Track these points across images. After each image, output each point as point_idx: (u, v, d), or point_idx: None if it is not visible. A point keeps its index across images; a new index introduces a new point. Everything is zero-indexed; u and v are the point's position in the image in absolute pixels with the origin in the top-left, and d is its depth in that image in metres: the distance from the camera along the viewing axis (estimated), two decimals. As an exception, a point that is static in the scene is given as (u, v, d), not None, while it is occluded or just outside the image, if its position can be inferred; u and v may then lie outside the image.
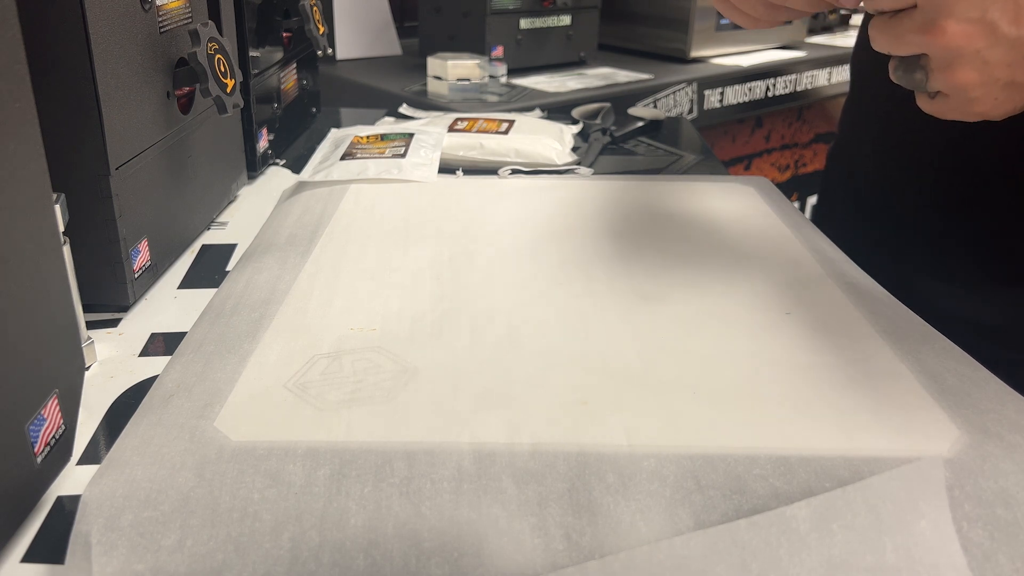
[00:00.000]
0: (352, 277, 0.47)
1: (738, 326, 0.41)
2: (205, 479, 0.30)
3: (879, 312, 0.43)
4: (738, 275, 0.47)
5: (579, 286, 0.46)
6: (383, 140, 0.71)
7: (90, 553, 0.27)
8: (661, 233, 0.53)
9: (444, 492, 0.29)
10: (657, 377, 0.36)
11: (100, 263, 0.46)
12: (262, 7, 0.72)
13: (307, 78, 0.87)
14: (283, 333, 0.40)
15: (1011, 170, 0.53)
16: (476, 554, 0.27)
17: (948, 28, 0.36)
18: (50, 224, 0.33)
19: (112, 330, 0.47)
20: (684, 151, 0.80)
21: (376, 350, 0.38)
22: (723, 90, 1.45)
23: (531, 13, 1.34)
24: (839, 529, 0.27)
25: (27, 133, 0.31)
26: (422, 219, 0.56)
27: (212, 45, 0.53)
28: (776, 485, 0.30)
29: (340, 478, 0.30)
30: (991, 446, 0.32)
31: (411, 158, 0.67)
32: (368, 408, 0.34)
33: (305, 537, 0.28)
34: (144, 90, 0.49)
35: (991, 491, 0.29)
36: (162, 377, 0.38)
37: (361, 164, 0.66)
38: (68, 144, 0.44)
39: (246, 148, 0.70)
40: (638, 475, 0.30)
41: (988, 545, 0.28)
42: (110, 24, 0.44)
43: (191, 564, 0.27)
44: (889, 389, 0.36)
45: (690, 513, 0.29)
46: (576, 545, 0.28)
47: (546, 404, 0.34)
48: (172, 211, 0.54)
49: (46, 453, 0.32)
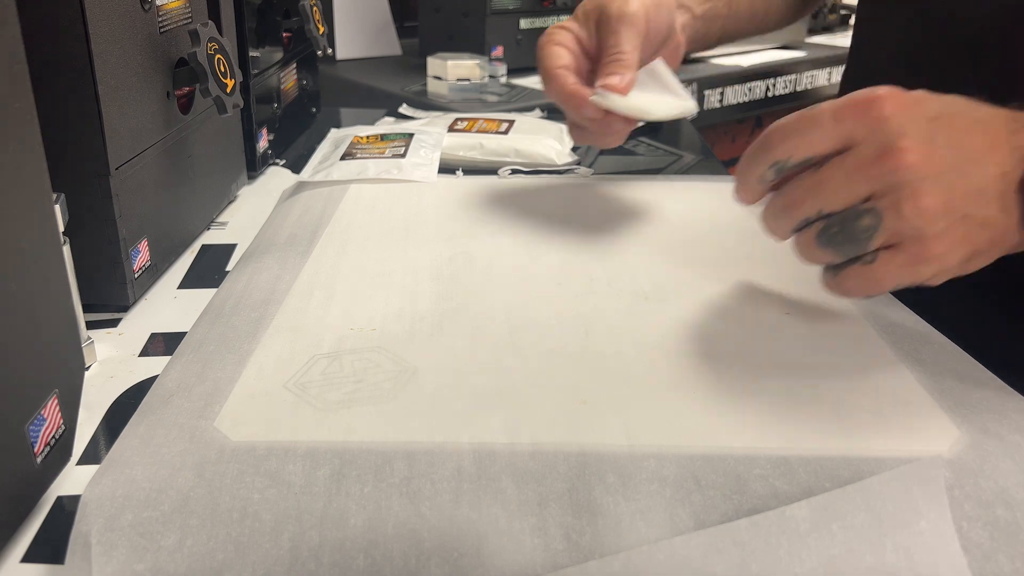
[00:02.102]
0: (352, 277, 0.47)
1: (738, 326, 0.41)
2: (205, 479, 0.30)
3: (878, 312, 0.43)
4: (738, 275, 0.47)
5: (579, 286, 0.45)
6: (383, 140, 0.71)
7: (90, 553, 0.27)
8: (661, 233, 0.53)
9: (444, 492, 0.29)
10: (657, 377, 0.36)
11: (100, 263, 0.46)
12: (262, 7, 0.72)
13: (307, 78, 0.87)
14: (283, 333, 0.40)
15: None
16: (476, 554, 0.27)
17: (908, 149, 0.33)
18: (50, 224, 0.33)
19: (112, 330, 0.47)
20: (684, 151, 0.80)
21: (376, 350, 0.38)
22: (723, 90, 1.45)
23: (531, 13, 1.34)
24: (839, 529, 0.27)
25: (27, 133, 0.31)
26: (422, 219, 0.56)
27: (212, 45, 0.53)
28: (776, 485, 0.30)
29: (340, 478, 0.30)
30: (991, 446, 0.32)
31: (411, 158, 0.67)
32: (368, 408, 0.34)
33: (305, 537, 0.28)
34: (144, 90, 0.49)
35: (991, 491, 0.29)
36: (162, 377, 0.38)
37: (361, 164, 0.66)
38: (68, 144, 0.44)
39: (246, 148, 0.70)
40: (638, 475, 0.30)
41: (988, 545, 0.28)
42: (110, 24, 0.44)
43: (191, 564, 0.27)
44: (889, 389, 0.36)
45: (690, 513, 0.29)
46: (576, 545, 0.28)
47: (546, 404, 0.34)
48: (172, 211, 0.54)
49: (46, 453, 0.32)
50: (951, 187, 0.33)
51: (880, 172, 0.33)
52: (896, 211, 0.33)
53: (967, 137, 0.34)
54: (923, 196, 0.33)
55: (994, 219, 0.34)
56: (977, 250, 0.35)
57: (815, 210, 0.35)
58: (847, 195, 0.34)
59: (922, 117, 0.34)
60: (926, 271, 0.34)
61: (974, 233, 0.34)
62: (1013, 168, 0.34)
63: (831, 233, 0.35)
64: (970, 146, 0.34)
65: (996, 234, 0.35)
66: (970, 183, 0.34)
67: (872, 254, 0.35)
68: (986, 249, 0.35)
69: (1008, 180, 0.34)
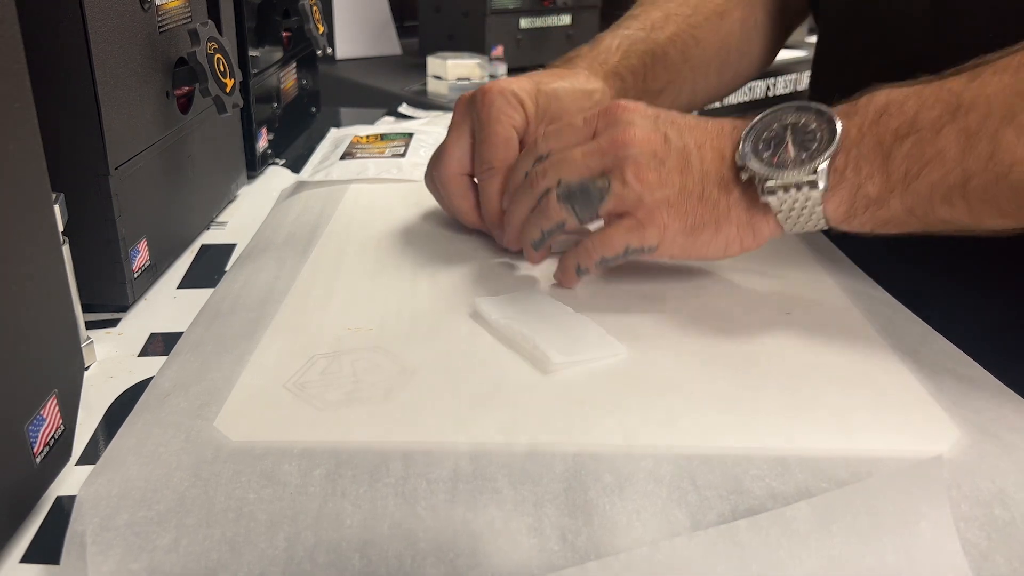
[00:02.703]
0: (351, 277, 0.47)
1: (737, 326, 0.41)
2: (201, 479, 0.30)
3: (878, 312, 0.43)
4: (738, 275, 0.47)
5: (577, 286, 0.45)
6: (383, 140, 0.71)
7: (85, 553, 0.27)
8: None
9: (440, 492, 0.29)
10: (655, 377, 0.36)
11: (100, 263, 0.46)
12: (262, 7, 0.72)
13: (307, 78, 0.87)
14: (281, 333, 0.40)
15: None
16: (472, 554, 0.27)
17: (635, 131, 0.40)
18: (50, 224, 0.33)
19: (112, 330, 0.47)
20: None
21: (374, 350, 0.38)
22: (724, 90, 1.45)
23: (531, 13, 1.34)
24: (839, 529, 0.27)
25: (27, 133, 0.31)
26: (421, 219, 0.56)
27: (212, 45, 0.53)
28: (773, 485, 0.30)
29: (336, 478, 0.30)
30: (989, 446, 0.32)
31: (411, 158, 0.67)
32: (366, 408, 0.34)
33: (300, 537, 0.28)
34: (143, 90, 0.49)
35: (988, 491, 0.29)
36: (158, 377, 0.38)
37: (361, 164, 0.66)
38: (68, 144, 0.44)
39: (245, 148, 0.70)
40: (634, 475, 0.30)
41: (985, 545, 0.28)
42: (110, 24, 0.44)
43: (186, 564, 0.27)
44: (888, 389, 0.36)
45: (686, 513, 0.29)
46: (572, 545, 0.28)
47: (543, 404, 0.34)
48: (171, 211, 0.54)
49: (45, 453, 0.32)
50: (668, 165, 0.40)
51: (611, 148, 0.41)
52: (622, 179, 0.40)
53: (689, 131, 0.41)
54: (643, 168, 0.40)
55: (713, 195, 0.40)
56: (699, 222, 0.40)
57: (555, 180, 0.42)
58: (583, 169, 0.41)
59: (651, 115, 0.41)
60: (651, 235, 0.40)
61: (693, 205, 0.40)
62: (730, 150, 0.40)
63: (572, 193, 0.41)
64: (691, 135, 0.41)
65: (719, 211, 0.40)
66: (687, 163, 0.40)
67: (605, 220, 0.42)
68: (710, 224, 0.40)
69: (726, 160, 0.40)
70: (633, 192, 0.40)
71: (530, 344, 0.38)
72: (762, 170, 0.38)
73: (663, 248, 0.41)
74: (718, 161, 0.40)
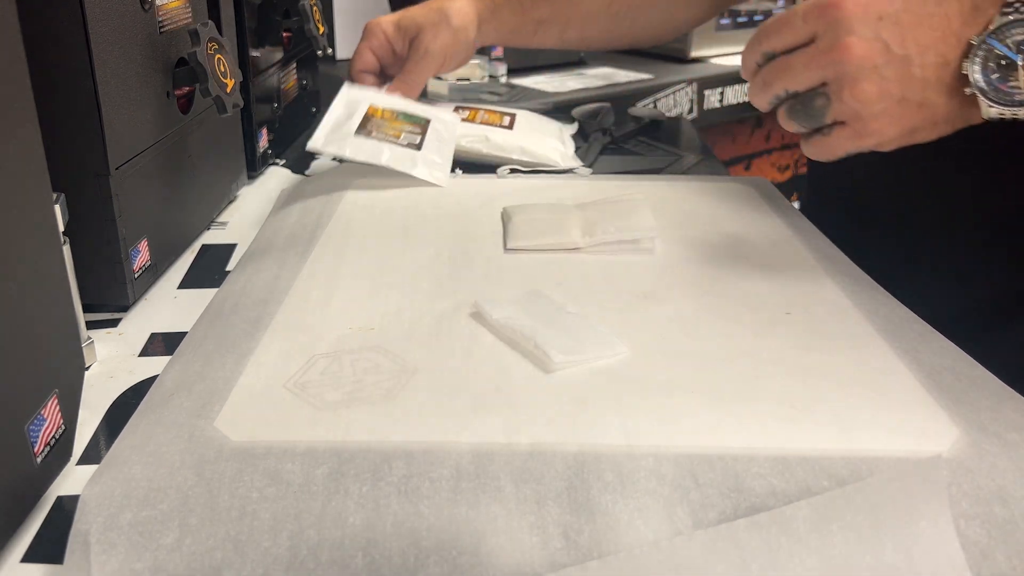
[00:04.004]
0: (351, 277, 0.47)
1: (737, 326, 0.41)
2: (204, 478, 0.30)
3: (878, 311, 0.43)
4: (738, 275, 0.47)
5: (578, 285, 0.46)
6: (399, 119, 0.68)
7: (89, 552, 0.27)
8: (661, 233, 0.53)
9: (443, 491, 0.29)
10: (656, 376, 0.36)
11: (100, 263, 0.47)
12: (262, 7, 0.72)
13: (307, 78, 0.87)
14: (282, 333, 0.40)
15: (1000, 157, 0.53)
16: (474, 552, 0.27)
17: (852, 45, 0.40)
18: (50, 224, 0.33)
19: (112, 330, 0.47)
20: (684, 151, 0.80)
21: (375, 350, 0.38)
22: (723, 90, 1.45)
23: (531, 13, 1.34)
24: (839, 529, 0.27)
25: (27, 133, 0.31)
26: (421, 219, 0.56)
27: (212, 45, 0.53)
28: (774, 484, 0.30)
29: (339, 477, 0.30)
30: (989, 444, 0.32)
31: (426, 151, 0.64)
32: (367, 407, 0.34)
33: (304, 536, 0.28)
34: (144, 90, 0.49)
35: (988, 489, 0.29)
36: (162, 376, 0.38)
37: (376, 147, 0.63)
38: (68, 144, 0.44)
39: (246, 148, 0.70)
40: (636, 474, 0.30)
41: (985, 543, 0.28)
42: (110, 24, 0.44)
43: (190, 563, 0.27)
44: (888, 388, 0.36)
45: (688, 512, 0.29)
46: (574, 544, 0.28)
47: (544, 403, 0.34)
48: (172, 211, 0.54)
49: (46, 453, 0.32)
50: (888, 77, 0.40)
51: (829, 61, 0.41)
52: (839, 96, 0.41)
53: (913, 32, 0.40)
54: (861, 84, 0.40)
55: (932, 101, 0.41)
56: (916, 127, 0.42)
57: (782, 88, 0.44)
58: (805, 79, 0.43)
59: (873, 16, 0.40)
60: (869, 142, 0.43)
61: (911, 112, 0.41)
62: (956, 56, 0.40)
63: (796, 109, 0.44)
64: (914, 40, 0.40)
65: (936, 114, 0.42)
66: (908, 72, 0.40)
67: (828, 128, 0.44)
68: (926, 126, 0.42)
69: (950, 68, 0.40)
70: (850, 108, 0.41)
71: (531, 344, 0.38)
72: (991, 95, 0.40)
73: (879, 147, 0.43)
74: (941, 67, 0.41)
